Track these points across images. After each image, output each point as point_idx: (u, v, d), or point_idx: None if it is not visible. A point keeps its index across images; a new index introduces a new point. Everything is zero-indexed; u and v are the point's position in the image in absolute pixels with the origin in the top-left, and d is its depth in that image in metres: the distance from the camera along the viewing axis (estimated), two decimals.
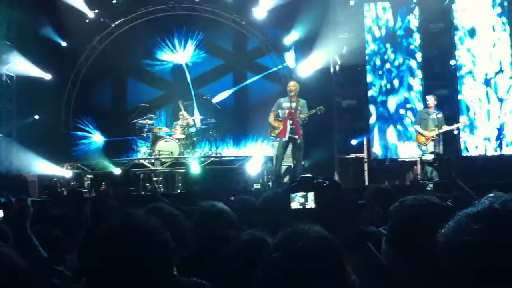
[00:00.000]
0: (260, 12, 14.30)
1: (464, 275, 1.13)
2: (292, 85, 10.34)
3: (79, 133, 14.67)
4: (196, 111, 13.47)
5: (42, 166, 12.25)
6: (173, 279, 2.04)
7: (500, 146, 12.68)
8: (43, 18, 13.87)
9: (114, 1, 14.70)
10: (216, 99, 14.11)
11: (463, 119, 12.16)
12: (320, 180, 2.28)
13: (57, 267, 3.25)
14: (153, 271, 1.75)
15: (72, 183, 11.72)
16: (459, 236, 1.15)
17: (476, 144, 12.77)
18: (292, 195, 2.06)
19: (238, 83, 15.38)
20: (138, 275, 1.73)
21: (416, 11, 13.26)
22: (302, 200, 2.08)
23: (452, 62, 13.11)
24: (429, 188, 7.82)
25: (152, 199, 7.85)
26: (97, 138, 14.81)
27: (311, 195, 2.07)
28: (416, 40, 13.25)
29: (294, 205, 2.05)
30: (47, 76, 13.93)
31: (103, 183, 11.09)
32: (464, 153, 12.69)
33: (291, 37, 14.14)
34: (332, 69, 13.51)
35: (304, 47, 13.74)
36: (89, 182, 11.73)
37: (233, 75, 15.57)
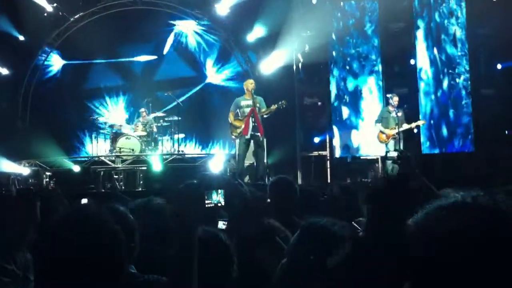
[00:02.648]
0: (222, 9, 14.23)
1: (430, 265, 1.16)
2: (251, 82, 10.38)
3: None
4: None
5: None
6: (127, 275, 2.00)
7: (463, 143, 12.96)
8: None
9: None
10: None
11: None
12: (228, 178, 2.35)
13: (7, 265, 3.18)
14: (104, 263, 1.70)
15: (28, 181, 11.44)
16: (430, 227, 1.18)
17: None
18: (207, 193, 2.08)
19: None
20: (88, 267, 1.68)
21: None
22: (214, 198, 2.11)
23: (412, 61, 13.33)
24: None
25: (111, 196, 7.73)
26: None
27: (220, 193, 2.11)
28: (377, 39, 13.41)
29: (208, 202, 2.08)
30: (4, 71, 13.57)
31: (51, 182, 10.87)
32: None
33: (254, 34, 14.13)
34: (294, 67, 13.55)
35: (267, 44, 13.75)
36: (47, 179, 11.47)
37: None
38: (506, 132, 12.57)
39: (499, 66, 13.02)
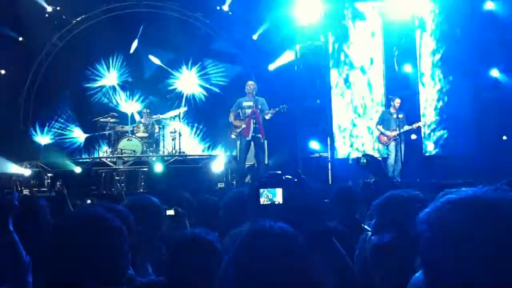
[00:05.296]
0: (224, 11, 14.24)
1: (444, 259, 1.14)
2: (251, 84, 10.43)
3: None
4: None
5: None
6: (127, 275, 2.01)
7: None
8: None
9: None
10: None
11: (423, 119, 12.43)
12: (289, 177, 2.33)
13: None
14: (104, 257, 1.71)
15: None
16: (441, 221, 1.17)
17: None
18: (261, 191, 2.08)
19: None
20: (89, 261, 1.69)
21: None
22: (271, 196, 2.10)
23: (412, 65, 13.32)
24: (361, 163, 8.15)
25: (117, 198, 7.76)
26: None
27: (279, 191, 2.10)
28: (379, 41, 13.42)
29: (263, 200, 2.07)
30: (2, 71, 13.57)
31: (58, 182, 10.86)
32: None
33: (256, 36, 14.13)
34: (296, 68, 13.54)
35: (268, 46, 13.75)
36: (49, 180, 11.47)
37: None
38: (504, 137, 12.56)
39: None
